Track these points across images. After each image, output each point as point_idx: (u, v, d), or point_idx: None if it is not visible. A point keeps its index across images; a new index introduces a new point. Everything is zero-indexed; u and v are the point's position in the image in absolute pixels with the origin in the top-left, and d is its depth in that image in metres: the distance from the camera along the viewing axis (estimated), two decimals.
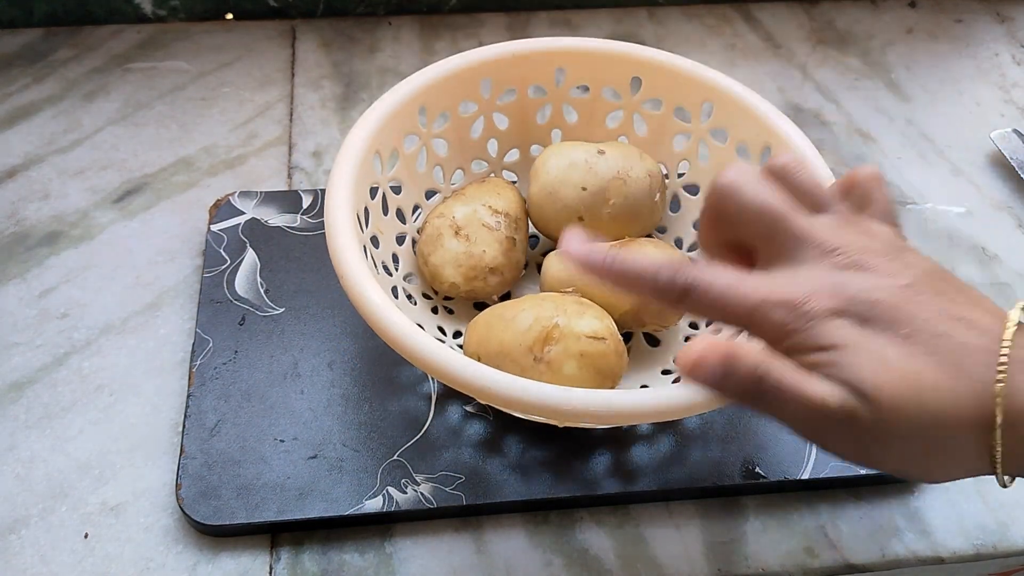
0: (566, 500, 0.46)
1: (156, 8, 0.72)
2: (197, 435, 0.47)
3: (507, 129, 0.57)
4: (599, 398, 0.38)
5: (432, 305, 0.53)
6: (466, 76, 0.53)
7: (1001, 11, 0.81)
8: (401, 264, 0.52)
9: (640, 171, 0.52)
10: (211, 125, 0.65)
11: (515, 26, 0.75)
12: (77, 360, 0.51)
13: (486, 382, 0.38)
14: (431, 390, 0.50)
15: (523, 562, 0.45)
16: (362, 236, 0.46)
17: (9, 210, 0.59)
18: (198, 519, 0.44)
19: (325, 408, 0.49)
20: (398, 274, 0.52)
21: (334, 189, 0.45)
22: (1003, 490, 0.49)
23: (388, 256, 0.51)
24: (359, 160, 0.47)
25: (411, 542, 0.45)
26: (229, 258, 0.55)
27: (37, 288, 0.54)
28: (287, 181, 0.62)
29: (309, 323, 0.52)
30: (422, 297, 0.52)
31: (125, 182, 0.61)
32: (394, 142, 0.51)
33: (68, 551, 0.44)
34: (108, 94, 0.67)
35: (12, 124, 0.64)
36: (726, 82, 0.52)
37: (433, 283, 0.51)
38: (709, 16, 0.78)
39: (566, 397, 0.37)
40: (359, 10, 0.75)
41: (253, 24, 0.74)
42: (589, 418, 0.38)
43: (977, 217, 0.64)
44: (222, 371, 0.50)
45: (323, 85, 0.69)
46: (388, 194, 0.52)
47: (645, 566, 0.45)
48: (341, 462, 0.46)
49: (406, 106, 0.51)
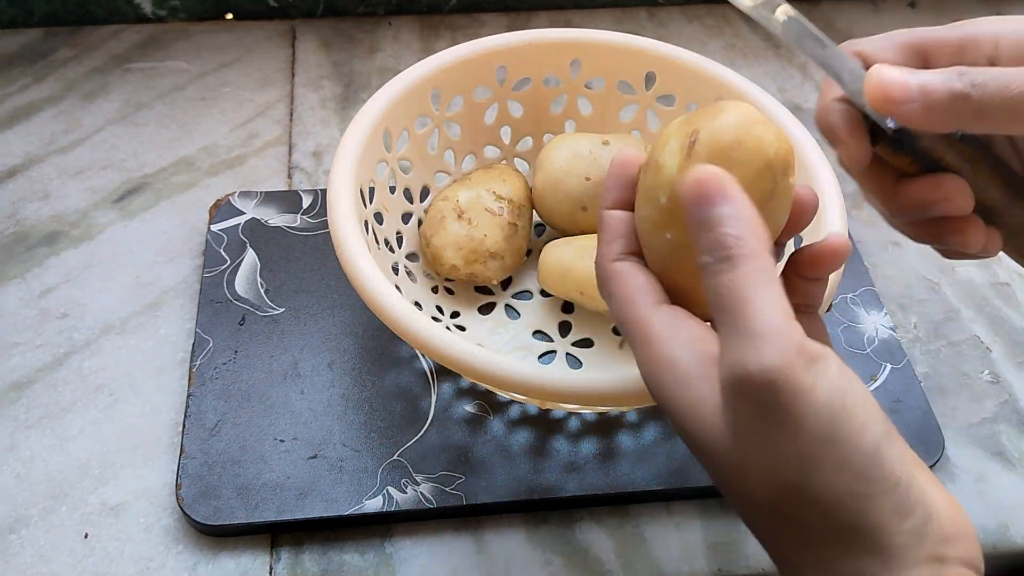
0: (566, 500, 0.46)
1: (156, 8, 0.72)
2: (197, 435, 0.47)
3: (521, 117, 0.58)
4: (579, 378, 0.38)
5: (432, 285, 0.53)
6: (481, 62, 0.53)
7: (1001, 11, 0.81)
8: (405, 243, 0.53)
9: None
10: (211, 125, 0.65)
11: (515, 26, 0.75)
12: (77, 360, 0.51)
13: (460, 353, 0.39)
14: (432, 390, 0.50)
15: (523, 562, 0.45)
16: (364, 211, 0.47)
17: (9, 210, 0.59)
18: (198, 519, 0.44)
19: (325, 408, 0.49)
20: (400, 252, 0.52)
21: (340, 159, 0.46)
22: (1003, 491, 0.49)
23: (392, 233, 0.52)
24: (367, 136, 0.48)
25: (411, 542, 0.45)
26: (229, 258, 0.55)
27: (37, 288, 0.54)
28: (287, 181, 0.62)
29: (309, 323, 0.52)
30: (423, 276, 0.53)
31: (125, 182, 0.61)
32: (405, 122, 0.51)
33: (68, 551, 0.44)
34: (108, 94, 0.67)
35: (12, 124, 0.64)
36: (739, 81, 0.52)
37: (434, 264, 0.52)
38: (709, 16, 0.78)
39: (547, 375, 0.38)
40: (359, 10, 0.75)
41: (253, 24, 0.74)
42: (572, 398, 0.38)
43: None
44: (222, 371, 0.50)
45: (323, 85, 0.69)
46: (396, 172, 0.52)
47: (645, 566, 0.45)
48: (341, 462, 0.46)
49: (419, 87, 0.51)
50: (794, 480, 0.26)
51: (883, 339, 0.54)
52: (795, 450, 0.26)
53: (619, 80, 0.56)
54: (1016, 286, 0.59)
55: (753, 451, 0.26)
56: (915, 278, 0.59)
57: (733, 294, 0.27)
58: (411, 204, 0.54)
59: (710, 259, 0.27)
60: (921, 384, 0.53)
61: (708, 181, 0.28)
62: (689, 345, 0.29)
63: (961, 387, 0.54)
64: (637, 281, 0.31)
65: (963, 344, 0.56)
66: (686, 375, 0.28)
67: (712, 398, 0.27)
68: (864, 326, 0.55)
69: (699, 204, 0.28)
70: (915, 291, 0.59)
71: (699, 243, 0.28)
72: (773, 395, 0.25)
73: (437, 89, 0.52)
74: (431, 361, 0.51)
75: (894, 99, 0.30)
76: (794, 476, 0.26)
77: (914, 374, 0.53)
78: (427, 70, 0.51)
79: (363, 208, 0.47)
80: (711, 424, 0.27)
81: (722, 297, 0.27)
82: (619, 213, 0.33)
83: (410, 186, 0.54)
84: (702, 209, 0.28)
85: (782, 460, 0.26)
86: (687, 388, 0.28)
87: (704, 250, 0.28)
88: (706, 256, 0.27)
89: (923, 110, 0.30)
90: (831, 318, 0.55)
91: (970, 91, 0.29)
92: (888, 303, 0.58)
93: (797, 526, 0.27)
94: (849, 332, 0.54)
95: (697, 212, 0.28)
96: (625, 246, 0.32)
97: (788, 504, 0.26)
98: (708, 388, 0.28)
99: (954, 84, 0.30)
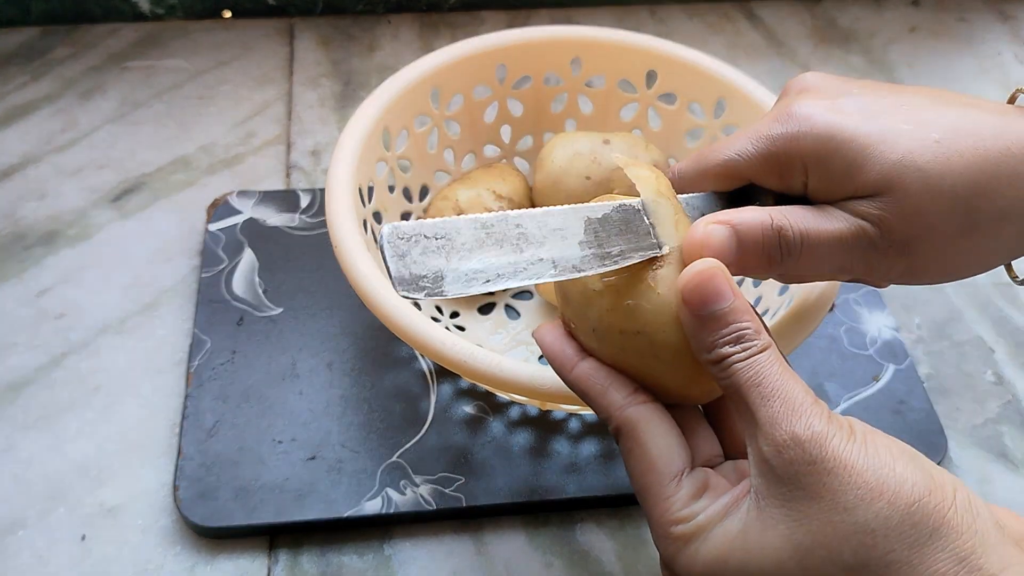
0: (566, 501, 0.46)
1: (154, 6, 0.72)
2: (195, 436, 0.47)
3: (521, 116, 0.57)
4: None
5: None
6: (481, 60, 0.53)
7: (1004, 10, 0.81)
8: None
9: (645, 161, 0.52)
10: (209, 124, 0.65)
11: (515, 24, 0.75)
12: (74, 361, 0.51)
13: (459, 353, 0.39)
14: (431, 391, 0.49)
15: (523, 564, 0.45)
16: (363, 210, 0.47)
17: (6, 210, 0.58)
18: (196, 521, 0.44)
19: (324, 409, 0.48)
20: None
21: (338, 158, 0.46)
22: (1007, 492, 0.49)
23: None
24: (366, 135, 0.47)
25: (410, 544, 0.45)
26: (227, 258, 0.55)
27: (34, 288, 0.54)
28: (285, 180, 0.62)
29: (308, 323, 0.52)
30: None
31: (122, 181, 0.61)
32: (404, 120, 0.51)
33: (66, 553, 0.44)
34: (105, 93, 0.66)
35: (9, 123, 0.64)
36: (740, 79, 0.51)
37: None
38: (711, 14, 0.78)
39: (547, 376, 0.38)
40: (358, 8, 0.75)
41: (251, 22, 0.73)
42: (572, 399, 0.38)
43: None
44: (220, 372, 0.49)
45: (322, 83, 0.69)
46: (396, 171, 0.52)
47: (646, 568, 0.45)
48: (340, 463, 0.46)
49: (418, 85, 0.51)
50: (861, 518, 0.26)
51: (886, 340, 0.54)
52: (854, 487, 0.26)
53: (620, 78, 0.55)
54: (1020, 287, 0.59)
55: (810, 513, 0.27)
56: None
57: (770, 378, 0.28)
58: (410, 203, 0.54)
59: (732, 348, 0.29)
60: (924, 385, 0.52)
61: (711, 276, 0.29)
62: (713, 502, 0.30)
63: (964, 388, 0.53)
64: (657, 446, 0.31)
65: (966, 345, 0.56)
66: (719, 527, 0.29)
67: (747, 511, 0.28)
68: (867, 327, 0.54)
69: (705, 302, 0.29)
70: (918, 291, 0.58)
71: (709, 337, 0.29)
72: (823, 447, 0.27)
73: (436, 87, 0.52)
74: (430, 362, 0.51)
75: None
76: (861, 514, 0.26)
77: (917, 375, 0.52)
78: (426, 68, 0.51)
79: (362, 207, 0.46)
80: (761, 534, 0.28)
81: (758, 381, 0.28)
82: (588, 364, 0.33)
83: (409, 185, 0.54)
84: (710, 306, 0.29)
85: (843, 502, 0.26)
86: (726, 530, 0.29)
87: (718, 344, 0.29)
88: (725, 348, 0.29)
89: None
90: (834, 318, 0.55)
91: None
92: (891, 303, 0.57)
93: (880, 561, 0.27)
94: (852, 333, 0.54)
95: (705, 309, 0.29)
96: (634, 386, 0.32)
97: (864, 547, 0.26)
98: (738, 512, 0.29)
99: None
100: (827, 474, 0.26)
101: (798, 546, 0.27)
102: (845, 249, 0.32)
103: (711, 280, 0.29)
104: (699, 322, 0.29)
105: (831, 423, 0.27)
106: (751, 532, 0.28)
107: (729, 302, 0.29)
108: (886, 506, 0.26)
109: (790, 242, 0.32)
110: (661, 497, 0.30)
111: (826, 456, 0.27)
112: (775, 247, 0.32)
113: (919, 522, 0.26)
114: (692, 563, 0.29)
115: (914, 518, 0.26)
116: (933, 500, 0.26)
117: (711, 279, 0.29)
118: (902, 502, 0.26)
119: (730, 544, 0.28)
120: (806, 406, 0.28)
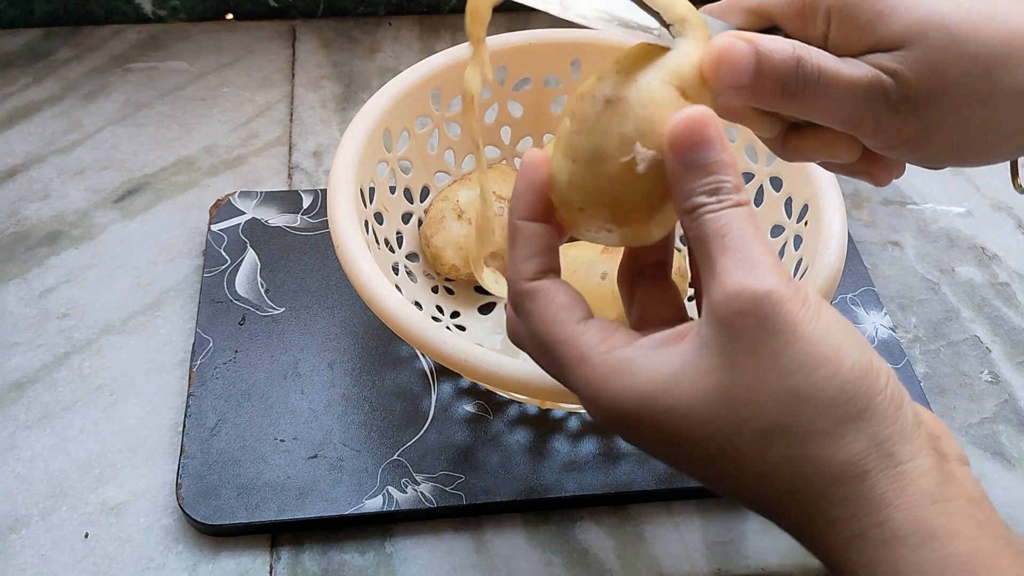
0: (566, 500, 0.46)
1: (156, 8, 0.72)
2: (197, 435, 0.47)
3: (521, 117, 0.58)
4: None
5: (432, 285, 0.54)
6: None
7: None
8: (405, 243, 0.53)
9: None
10: (211, 125, 0.65)
11: (515, 26, 0.75)
12: (78, 360, 0.51)
13: (459, 352, 0.39)
14: (432, 390, 0.50)
15: (523, 562, 0.45)
16: (365, 211, 0.47)
17: (9, 210, 0.59)
18: (198, 519, 0.44)
19: (325, 408, 0.49)
20: (401, 252, 0.52)
21: (340, 159, 0.46)
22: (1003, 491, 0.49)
23: (392, 233, 0.52)
24: (367, 136, 0.48)
25: (411, 542, 0.45)
26: (229, 258, 0.55)
27: (38, 288, 0.54)
28: (287, 181, 0.62)
29: (309, 323, 0.52)
30: (423, 276, 0.53)
31: (125, 182, 0.61)
32: (405, 122, 0.51)
33: (68, 551, 0.44)
34: (108, 94, 0.67)
35: (12, 124, 0.64)
36: None
37: (434, 264, 0.53)
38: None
39: (542, 375, 0.37)
40: (359, 10, 0.75)
41: (253, 24, 0.74)
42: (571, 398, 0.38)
43: (977, 217, 0.64)
44: (222, 371, 0.50)
45: (323, 85, 0.69)
46: (397, 172, 0.52)
47: (645, 566, 0.45)
48: (341, 462, 0.46)
49: (419, 87, 0.51)
50: (797, 384, 0.26)
51: (883, 339, 0.54)
52: (797, 354, 0.26)
53: None
54: (1016, 286, 0.59)
55: (748, 368, 0.26)
56: (915, 278, 0.59)
57: (736, 231, 0.27)
58: (411, 204, 0.55)
59: (706, 199, 0.28)
60: (921, 384, 0.53)
61: (703, 124, 0.28)
62: (634, 340, 0.29)
63: (961, 387, 0.54)
64: (560, 299, 0.30)
65: (963, 344, 0.56)
66: (647, 360, 0.28)
67: (686, 354, 0.27)
68: (863, 326, 0.55)
69: (693, 149, 0.28)
70: (915, 291, 0.59)
71: (689, 184, 0.28)
72: (776, 305, 0.26)
73: (437, 89, 0.53)
74: (431, 361, 0.51)
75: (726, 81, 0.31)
76: (798, 380, 0.26)
77: (914, 374, 0.53)
78: (427, 70, 0.51)
79: (363, 208, 0.47)
80: (695, 380, 0.27)
81: (723, 232, 0.27)
82: (534, 226, 0.31)
83: (410, 186, 0.54)
84: (696, 154, 0.28)
85: (783, 365, 0.26)
86: (656, 368, 0.28)
87: (695, 192, 0.28)
88: (700, 197, 0.28)
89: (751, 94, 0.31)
90: None
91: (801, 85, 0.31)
92: (888, 303, 0.58)
93: (803, 429, 0.27)
94: None
95: (691, 156, 0.28)
96: (544, 264, 0.31)
97: (793, 411, 0.26)
98: (675, 353, 0.28)
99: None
100: (774, 334, 0.26)
101: (728, 398, 0.27)
102: (859, 97, 0.31)
103: (702, 126, 0.28)
104: (683, 168, 0.28)
105: (788, 285, 0.27)
106: (685, 376, 0.27)
107: (716, 154, 0.28)
108: (822, 378, 0.26)
109: (807, 73, 0.31)
110: (572, 337, 0.29)
111: (777, 316, 0.26)
112: (792, 75, 0.31)
113: (849, 400, 0.26)
114: (617, 397, 0.28)
115: (846, 395, 0.26)
116: (867, 383, 0.26)
117: (703, 125, 0.28)
118: (840, 378, 0.26)
119: (661, 384, 0.28)
120: (767, 265, 0.27)
